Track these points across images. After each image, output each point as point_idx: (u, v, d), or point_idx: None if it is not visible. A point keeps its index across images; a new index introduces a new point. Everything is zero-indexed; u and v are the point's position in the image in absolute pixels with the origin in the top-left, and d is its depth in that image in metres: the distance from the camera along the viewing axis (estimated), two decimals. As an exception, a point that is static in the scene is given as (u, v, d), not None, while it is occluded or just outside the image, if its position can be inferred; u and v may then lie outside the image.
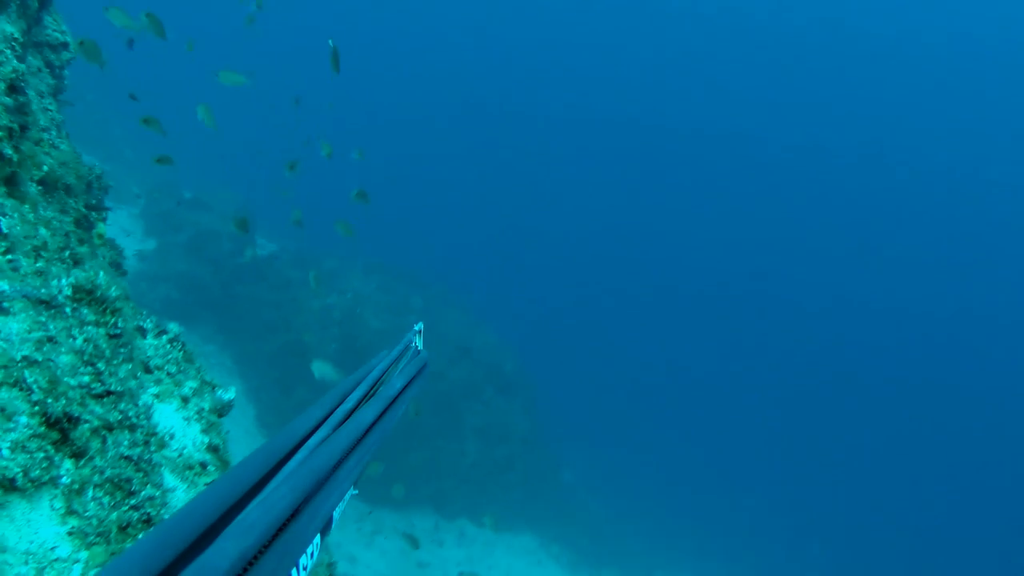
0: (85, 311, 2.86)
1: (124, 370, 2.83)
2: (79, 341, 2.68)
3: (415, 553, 19.19)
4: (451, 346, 22.34)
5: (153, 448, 2.85)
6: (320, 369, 15.48)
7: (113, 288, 3.07)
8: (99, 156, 23.57)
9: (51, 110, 7.01)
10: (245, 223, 12.34)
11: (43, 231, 4.01)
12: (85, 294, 2.93)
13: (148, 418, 2.92)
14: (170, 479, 3.16)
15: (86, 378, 2.61)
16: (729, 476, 45.52)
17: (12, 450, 2.26)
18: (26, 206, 4.16)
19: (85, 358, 2.65)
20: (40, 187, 4.86)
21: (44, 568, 2.25)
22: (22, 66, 4.35)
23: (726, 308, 72.31)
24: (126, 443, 2.64)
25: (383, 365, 2.35)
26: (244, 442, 16.50)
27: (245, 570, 1.18)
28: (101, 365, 2.69)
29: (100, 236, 6.21)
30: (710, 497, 39.02)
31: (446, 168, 72.07)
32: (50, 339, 2.55)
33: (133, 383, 2.90)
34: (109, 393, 2.65)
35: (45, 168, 5.10)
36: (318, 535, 1.53)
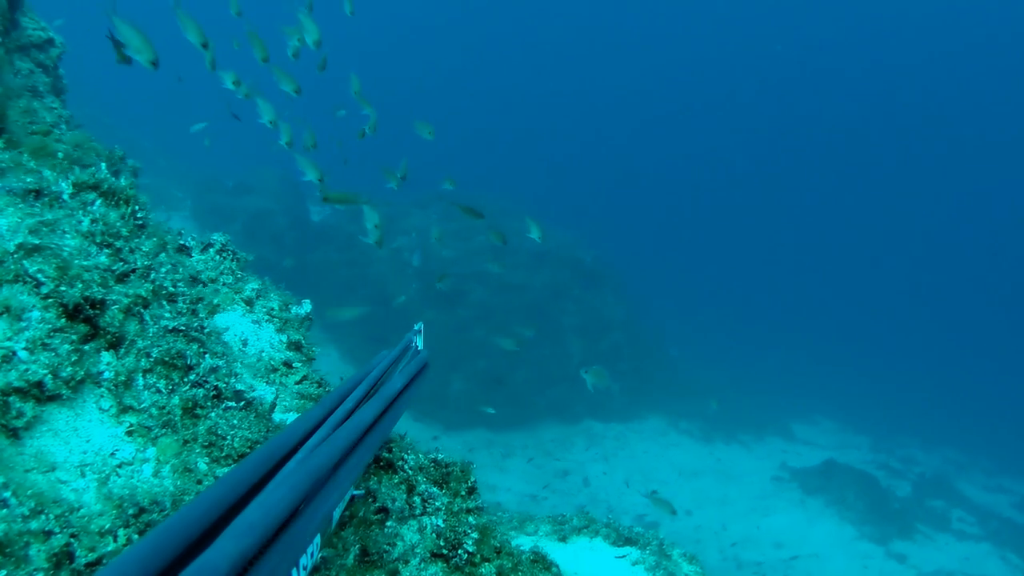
0: (90, 196, 2.37)
1: (150, 244, 2.35)
2: (86, 223, 2.19)
3: (552, 464, 19.07)
4: (526, 254, 21.84)
5: (203, 314, 2.38)
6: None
7: (123, 179, 2.59)
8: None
9: (55, 108, 6.66)
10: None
11: (48, 173, 3.57)
12: (89, 188, 2.45)
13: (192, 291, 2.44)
14: (259, 387, 2.74)
15: (103, 259, 2.13)
16: (839, 333, 44.67)
17: (30, 350, 1.81)
18: (25, 155, 3.71)
19: (98, 240, 2.17)
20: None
21: (108, 476, 1.81)
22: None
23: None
24: (168, 314, 2.18)
25: (384, 365, 2.41)
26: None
27: (245, 570, 1.18)
28: (119, 244, 2.21)
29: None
30: (821, 353, 38.41)
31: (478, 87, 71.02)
32: (48, 224, 2.08)
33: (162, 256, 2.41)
34: (134, 271, 2.18)
35: (60, 154, 4.80)
36: (318, 535, 1.52)
